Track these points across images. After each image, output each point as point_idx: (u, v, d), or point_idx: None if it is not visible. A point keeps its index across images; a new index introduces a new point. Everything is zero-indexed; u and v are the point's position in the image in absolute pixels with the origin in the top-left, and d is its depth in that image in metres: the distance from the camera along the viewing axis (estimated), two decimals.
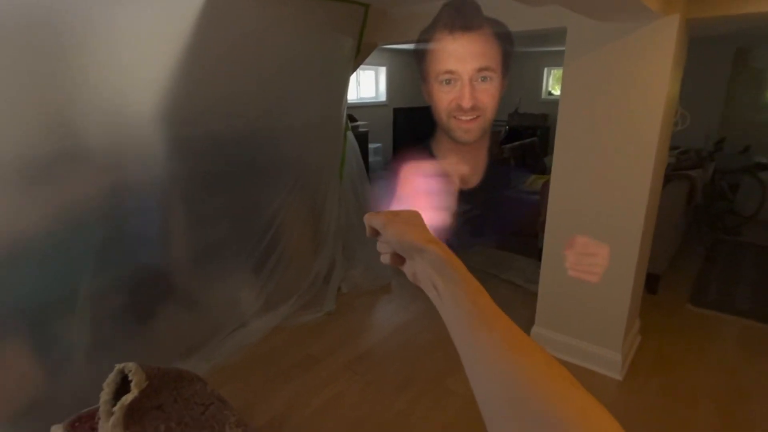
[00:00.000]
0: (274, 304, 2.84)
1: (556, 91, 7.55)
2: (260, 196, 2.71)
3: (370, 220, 0.58)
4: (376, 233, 0.59)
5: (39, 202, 1.74)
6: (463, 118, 0.85)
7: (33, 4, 1.57)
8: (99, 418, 1.39)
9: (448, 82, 0.84)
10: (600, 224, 2.23)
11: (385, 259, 0.58)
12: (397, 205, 0.91)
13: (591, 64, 2.11)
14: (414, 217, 0.58)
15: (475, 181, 0.97)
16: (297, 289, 3.02)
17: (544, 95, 7.67)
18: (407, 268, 0.57)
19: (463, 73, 0.82)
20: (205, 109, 2.23)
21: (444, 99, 0.86)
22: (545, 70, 7.56)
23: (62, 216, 1.80)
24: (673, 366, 2.48)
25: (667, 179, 3.51)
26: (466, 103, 0.83)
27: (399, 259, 0.57)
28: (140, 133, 2.03)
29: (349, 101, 3.22)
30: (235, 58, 2.23)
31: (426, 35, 0.87)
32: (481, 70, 0.83)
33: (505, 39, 0.86)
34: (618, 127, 2.10)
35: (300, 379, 2.36)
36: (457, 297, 0.48)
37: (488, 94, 0.85)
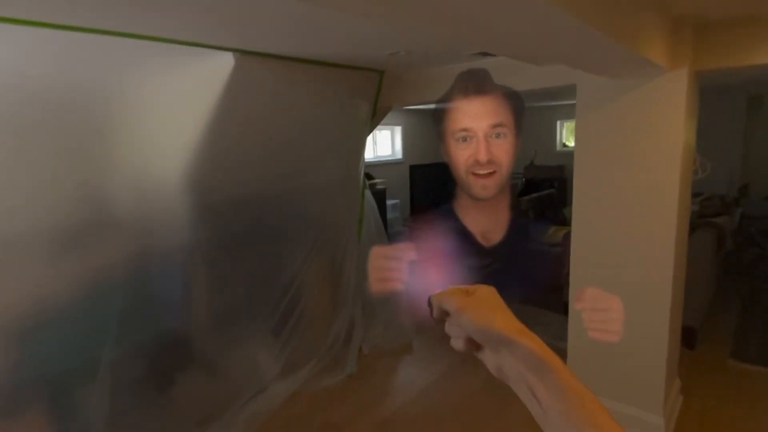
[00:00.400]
0: (294, 367, 2.77)
1: (571, 143, 7.62)
2: (280, 257, 2.73)
3: (440, 301, 0.52)
4: (443, 315, 0.52)
5: (65, 271, 1.78)
6: (481, 172, 0.88)
7: (67, 84, 1.70)
8: None
9: (465, 139, 0.88)
10: (627, 276, 2.16)
11: (458, 345, 0.52)
12: (420, 267, 0.92)
13: (603, 117, 2.14)
14: (492, 298, 0.52)
15: (497, 237, 0.97)
16: (317, 351, 2.95)
17: (558, 147, 7.75)
18: (489, 360, 0.50)
19: (478, 130, 0.86)
20: (228, 175, 2.32)
21: (461, 156, 0.89)
22: (558, 122, 7.69)
23: (87, 284, 1.84)
24: (722, 428, 2.29)
25: (693, 227, 3.43)
26: (483, 157, 0.86)
27: (475, 344, 0.50)
28: (165, 200, 2.10)
29: (366, 160, 3.31)
30: (256, 125, 2.34)
31: (443, 100, 0.92)
32: (495, 126, 0.87)
33: (515, 99, 0.91)
34: (636, 178, 2.09)
35: None
36: (570, 414, 0.41)
37: (503, 150, 0.88)
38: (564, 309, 2.51)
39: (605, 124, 2.14)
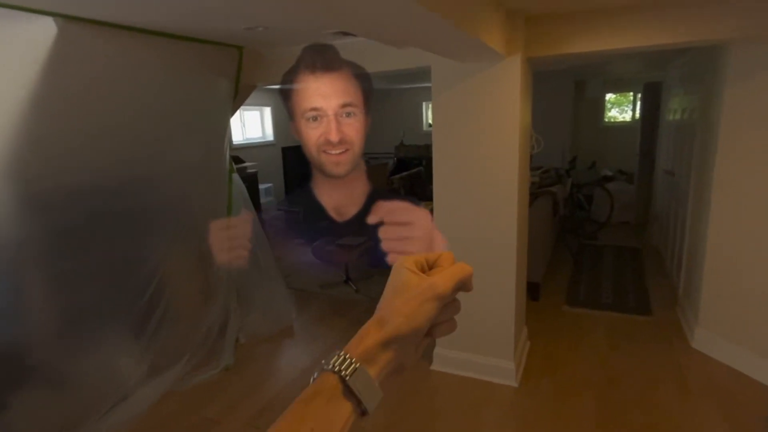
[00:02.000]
0: (162, 368, 2.57)
1: None
2: (137, 249, 2.47)
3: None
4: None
5: None
6: (333, 152, 0.87)
7: None
8: None
9: (315, 118, 0.86)
10: (479, 241, 2.41)
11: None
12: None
13: (454, 98, 2.33)
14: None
15: (351, 212, 0.99)
16: (188, 346, 2.77)
17: (425, 127, 8.22)
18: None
19: (328, 109, 0.85)
20: (59, 162, 2.00)
21: (313, 135, 0.88)
22: (423, 104, 8.13)
23: None
24: (560, 365, 2.72)
25: (535, 196, 3.94)
26: (334, 137, 0.85)
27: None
28: None
29: (234, 142, 3.13)
30: (91, 103, 2.05)
31: (289, 76, 0.88)
32: (345, 105, 0.86)
33: (364, 79, 0.92)
34: (483, 153, 2.33)
35: None
36: None
37: (353, 129, 0.88)
38: None
39: (456, 103, 2.33)
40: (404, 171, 6.41)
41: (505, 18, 2.04)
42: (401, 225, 0.80)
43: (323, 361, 0.43)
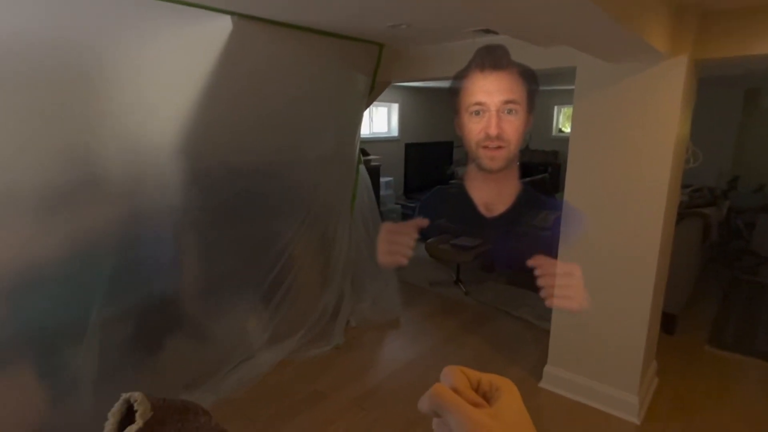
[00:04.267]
0: (282, 337, 2.81)
1: (567, 129, 7.62)
2: (272, 228, 2.73)
3: (439, 401, 0.35)
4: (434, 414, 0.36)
5: (55, 230, 1.78)
6: (490, 146, 0.91)
7: (59, 41, 1.66)
8: None
9: (478, 113, 0.90)
10: (613, 260, 2.20)
11: None
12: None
13: (600, 102, 2.15)
14: (518, 419, 0.36)
15: (500, 208, 1.02)
16: (305, 322, 2.99)
17: (554, 132, 7.75)
18: None
19: (491, 104, 0.89)
20: (222, 143, 2.30)
21: (474, 129, 0.92)
22: (555, 108, 7.66)
23: (77, 244, 1.84)
24: (693, 410, 2.38)
25: (681, 217, 3.47)
26: (493, 131, 0.88)
27: None
28: (157, 162, 2.08)
29: (362, 136, 3.29)
30: (252, 94, 2.31)
31: (461, 74, 0.94)
32: (507, 102, 0.89)
33: (530, 78, 0.94)
34: (628, 164, 2.11)
35: (306, 415, 2.30)
36: None
37: (513, 126, 0.91)
38: None
39: (602, 108, 2.15)
40: (527, 177, 6.12)
41: (674, 11, 1.82)
42: (562, 276, 0.86)
43: None
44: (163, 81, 1.98)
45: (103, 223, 1.90)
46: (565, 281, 0.86)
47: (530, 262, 0.87)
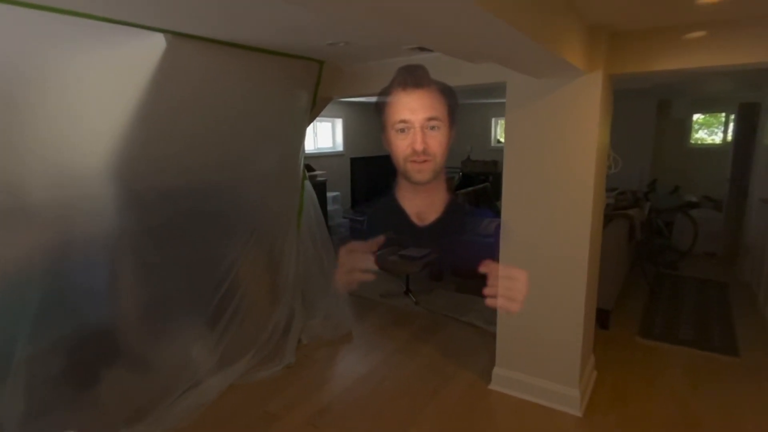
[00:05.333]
0: (231, 360, 2.72)
1: (504, 139, 8.00)
2: (216, 248, 2.66)
3: None
4: None
5: None
6: (417, 160, 0.95)
7: None
8: None
9: (403, 130, 0.95)
10: (548, 262, 2.34)
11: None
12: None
13: (529, 114, 2.30)
14: None
15: (431, 217, 1.07)
16: (255, 343, 2.91)
17: (493, 143, 8.10)
18: None
19: (415, 121, 0.93)
20: (158, 163, 2.22)
21: (400, 145, 0.96)
22: (493, 120, 8.04)
23: None
24: (629, 399, 2.55)
25: (609, 219, 3.75)
26: (419, 146, 0.93)
27: None
28: (90, 185, 1.98)
29: (306, 151, 3.29)
30: (188, 112, 2.26)
31: (385, 92, 0.98)
32: (430, 119, 0.94)
33: (449, 94, 0.99)
34: (557, 171, 2.27)
35: None
36: None
37: (436, 141, 0.96)
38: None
39: (531, 120, 2.30)
40: (470, 186, 6.35)
41: (587, 33, 2.00)
42: (507, 279, 0.91)
43: None
44: (95, 101, 1.91)
45: (28, 252, 1.78)
46: (509, 284, 0.91)
47: (482, 269, 0.92)
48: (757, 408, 2.44)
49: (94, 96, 1.91)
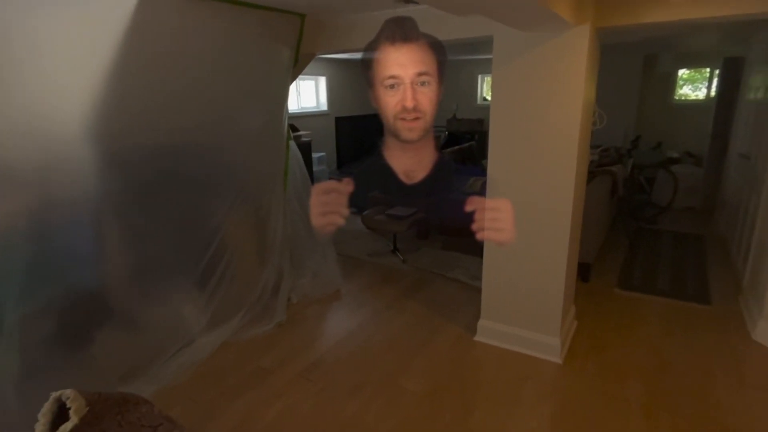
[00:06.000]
0: (222, 320, 2.77)
1: (490, 97, 7.92)
2: (202, 209, 2.64)
3: None
4: None
5: None
6: (407, 117, 0.92)
7: None
8: None
9: (393, 86, 0.91)
10: (533, 219, 2.38)
11: None
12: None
13: (516, 69, 2.27)
14: None
15: (420, 176, 1.06)
16: (245, 302, 2.96)
17: (479, 101, 8.02)
18: None
19: (405, 77, 0.90)
20: (136, 121, 2.16)
21: (390, 102, 0.92)
22: (479, 77, 7.91)
23: None
24: (607, 346, 2.68)
25: (592, 175, 3.80)
26: (409, 103, 0.90)
27: None
28: (67, 147, 1.93)
29: (290, 111, 3.23)
30: (166, 67, 2.18)
31: (371, 46, 0.93)
32: (420, 74, 0.90)
33: (439, 49, 0.95)
34: (543, 127, 2.27)
35: (252, 393, 2.32)
36: None
37: (427, 98, 0.92)
38: (480, 252, 2.72)
39: (518, 74, 2.28)
40: (456, 145, 6.33)
41: None
42: (492, 210, 0.92)
43: None
44: (67, 59, 1.82)
45: (12, 215, 1.75)
46: (494, 215, 0.92)
47: (468, 206, 0.92)
48: (725, 352, 2.59)
49: (67, 54, 1.82)
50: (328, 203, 0.87)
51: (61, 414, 1.43)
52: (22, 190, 1.80)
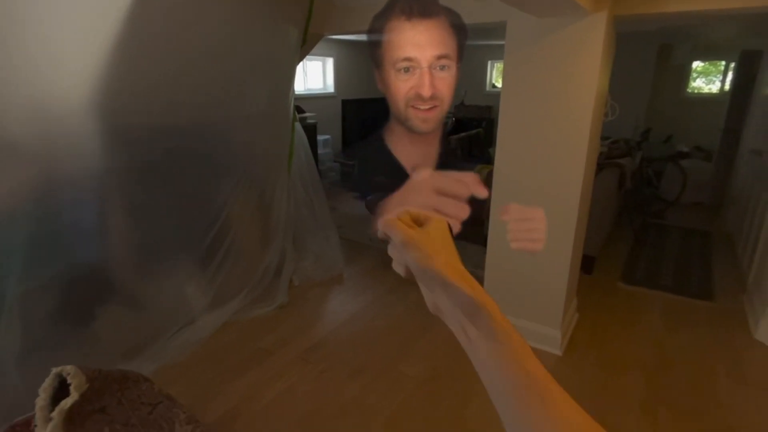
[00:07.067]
0: (224, 299, 2.78)
1: (499, 84, 7.80)
2: (206, 188, 2.62)
3: (386, 229, 0.48)
4: (388, 239, 0.49)
5: None
6: (422, 107, 0.80)
7: None
8: (35, 425, 1.32)
9: (407, 70, 0.78)
10: (540, 206, 2.35)
11: (399, 270, 0.50)
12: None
13: (529, 57, 2.22)
14: (440, 234, 0.48)
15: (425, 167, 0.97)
16: (247, 282, 2.96)
17: (488, 88, 7.91)
18: (427, 297, 0.48)
19: (423, 60, 0.77)
20: (142, 97, 2.13)
21: (402, 88, 0.80)
22: (489, 63, 7.79)
23: None
24: (607, 340, 2.67)
25: (600, 167, 3.75)
26: (427, 92, 0.77)
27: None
28: (72, 122, 1.90)
29: (296, 92, 3.18)
30: (172, 45, 2.14)
31: (380, 21, 0.79)
32: (440, 57, 0.78)
33: (460, 29, 0.83)
34: (554, 117, 2.22)
35: (252, 373, 2.33)
36: (501, 359, 0.41)
37: (446, 84, 0.80)
38: (483, 241, 2.70)
39: (531, 62, 2.22)
40: (462, 132, 6.26)
41: None
42: (526, 221, 0.87)
43: None
44: (73, 35, 1.78)
45: (14, 191, 1.73)
46: (530, 225, 0.86)
47: (503, 216, 0.83)
48: (726, 350, 2.58)
49: (72, 30, 1.78)
50: (454, 198, 0.72)
51: (62, 389, 1.44)
52: (27, 166, 1.78)
